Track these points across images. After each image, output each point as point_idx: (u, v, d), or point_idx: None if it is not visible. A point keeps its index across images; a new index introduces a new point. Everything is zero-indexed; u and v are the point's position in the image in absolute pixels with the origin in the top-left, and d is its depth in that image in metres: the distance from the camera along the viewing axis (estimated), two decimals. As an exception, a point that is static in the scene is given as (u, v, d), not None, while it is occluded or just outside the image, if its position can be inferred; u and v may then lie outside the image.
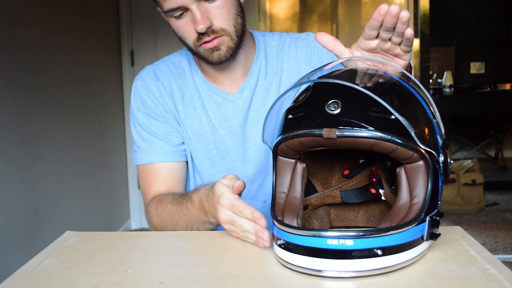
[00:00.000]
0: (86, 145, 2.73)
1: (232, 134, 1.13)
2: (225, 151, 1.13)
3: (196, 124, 1.13)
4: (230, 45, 1.03)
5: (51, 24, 2.38)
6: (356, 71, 0.79)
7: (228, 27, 1.01)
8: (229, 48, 1.03)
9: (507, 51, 4.16)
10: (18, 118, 2.07)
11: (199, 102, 1.13)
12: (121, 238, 0.93)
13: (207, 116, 1.13)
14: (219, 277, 0.71)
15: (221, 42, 1.01)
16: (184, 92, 1.14)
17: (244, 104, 1.13)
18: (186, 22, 1.00)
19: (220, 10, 0.99)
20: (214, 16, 0.99)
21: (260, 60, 1.15)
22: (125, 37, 3.34)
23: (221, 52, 1.02)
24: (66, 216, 2.48)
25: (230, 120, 1.13)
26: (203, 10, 0.98)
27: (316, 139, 0.70)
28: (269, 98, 1.14)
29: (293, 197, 0.79)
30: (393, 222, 0.70)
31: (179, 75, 1.15)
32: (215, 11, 0.99)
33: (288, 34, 1.20)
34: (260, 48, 1.16)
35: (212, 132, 1.13)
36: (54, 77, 2.39)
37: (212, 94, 1.13)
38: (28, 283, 0.70)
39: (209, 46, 1.01)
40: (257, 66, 1.14)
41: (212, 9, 0.99)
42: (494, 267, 0.69)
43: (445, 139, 0.74)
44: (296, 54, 1.15)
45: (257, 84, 1.13)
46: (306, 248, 0.67)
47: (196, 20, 0.97)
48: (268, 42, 1.17)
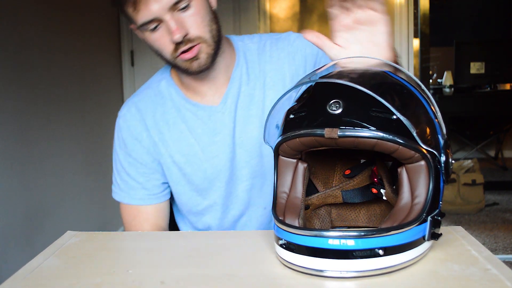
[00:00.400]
0: (86, 145, 2.73)
1: (224, 147, 1.11)
2: (220, 165, 1.12)
3: (185, 148, 1.11)
4: (208, 52, 1.01)
5: (51, 24, 2.38)
6: (358, 71, 0.79)
7: (204, 34, 1.00)
8: (208, 55, 1.01)
9: (507, 51, 4.16)
10: (18, 118, 2.07)
11: (185, 124, 1.11)
12: (121, 238, 0.93)
13: (195, 136, 1.11)
14: (220, 277, 0.71)
15: (199, 50, 1.00)
16: (168, 118, 1.12)
17: (230, 113, 1.11)
18: (161, 34, 0.98)
19: (194, 18, 0.98)
20: (189, 25, 0.98)
21: (240, 66, 1.12)
22: (125, 37, 3.34)
23: (201, 61, 1.01)
24: (66, 216, 2.48)
25: (220, 133, 1.11)
26: (177, 19, 0.96)
27: (318, 139, 0.70)
28: (254, 103, 1.11)
29: (295, 197, 0.79)
30: (394, 222, 0.70)
31: (160, 102, 1.13)
32: (189, 19, 0.98)
33: (269, 35, 1.18)
34: (240, 53, 1.13)
35: (204, 151, 1.11)
36: (54, 77, 2.39)
37: (197, 111, 1.11)
38: (29, 283, 0.70)
39: (188, 57, 0.99)
40: (238, 73, 1.12)
41: (186, 17, 0.97)
42: (495, 267, 0.69)
43: (446, 139, 0.74)
44: (278, 55, 1.13)
45: (240, 90, 1.11)
46: (307, 248, 0.67)
47: (171, 30, 0.96)
48: (248, 45, 1.15)
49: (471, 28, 5.21)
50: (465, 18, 5.21)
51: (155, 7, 0.94)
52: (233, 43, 1.15)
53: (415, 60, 3.51)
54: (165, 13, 0.95)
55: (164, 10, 0.95)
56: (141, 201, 1.14)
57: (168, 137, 1.12)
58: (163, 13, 0.95)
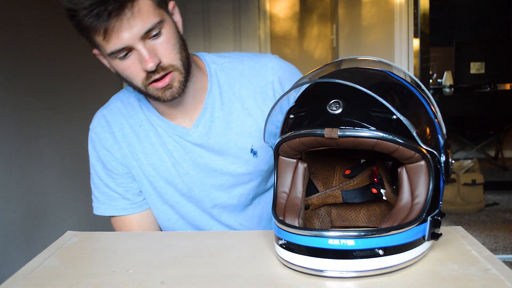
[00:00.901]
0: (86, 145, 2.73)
1: (195, 165, 1.09)
2: (191, 183, 1.10)
3: (157, 161, 1.10)
4: (180, 79, 0.99)
5: (51, 24, 2.38)
6: (358, 70, 0.79)
7: (176, 62, 0.98)
8: (180, 83, 0.99)
9: (507, 51, 4.16)
10: (18, 119, 2.07)
11: (156, 138, 1.09)
12: (122, 238, 0.93)
13: (167, 151, 1.09)
14: (221, 277, 0.71)
15: (172, 79, 0.98)
16: (139, 130, 1.10)
17: (201, 138, 1.08)
18: (132, 62, 0.95)
19: (165, 45, 0.96)
20: (161, 53, 0.95)
21: (214, 91, 1.09)
22: (125, 37, 3.33)
23: (174, 89, 0.99)
24: (66, 216, 2.48)
25: (190, 152, 1.09)
26: (149, 48, 0.94)
27: (318, 139, 0.70)
28: (231, 128, 1.09)
29: (295, 197, 0.79)
30: (394, 222, 0.70)
31: (130, 114, 1.11)
32: (161, 47, 0.95)
33: (249, 56, 1.14)
34: (212, 77, 1.10)
35: (175, 166, 1.09)
36: (54, 77, 2.39)
37: (168, 129, 1.09)
38: (29, 283, 0.70)
39: (161, 85, 0.97)
40: (211, 98, 1.09)
41: (157, 45, 0.94)
42: (495, 267, 0.69)
43: (446, 139, 0.74)
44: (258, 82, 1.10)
45: (214, 116, 1.09)
46: (307, 248, 0.67)
47: (145, 59, 0.93)
48: (223, 66, 1.11)
49: (471, 28, 5.21)
50: (465, 18, 5.21)
51: (126, 36, 0.91)
52: (205, 65, 1.11)
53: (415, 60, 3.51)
54: (137, 41, 0.92)
55: (135, 39, 0.92)
56: (123, 211, 1.12)
57: (139, 149, 1.10)
58: (135, 42, 0.92)
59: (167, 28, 0.96)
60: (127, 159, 1.11)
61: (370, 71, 0.78)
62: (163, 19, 0.95)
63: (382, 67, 0.81)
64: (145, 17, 0.92)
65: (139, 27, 0.91)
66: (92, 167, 1.16)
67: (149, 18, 0.92)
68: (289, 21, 4.62)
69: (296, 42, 4.64)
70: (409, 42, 3.44)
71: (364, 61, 0.86)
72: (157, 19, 0.93)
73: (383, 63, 0.82)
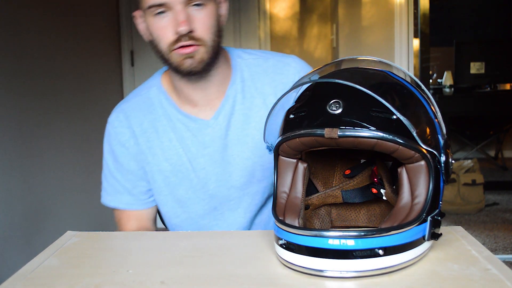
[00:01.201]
0: (86, 145, 2.73)
1: (212, 161, 1.10)
2: (206, 178, 1.11)
3: (173, 156, 1.10)
4: (204, 57, 1.00)
5: (51, 24, 2.38)
6: (358, 70, 0.79)
7: (207, 39, 0.99)
8: (202, 60, 1.00)
9: (507, 51, 4.16)
10: (18, 118, 2.07)
11: (174, 133, 1.10)
12: (122, 238, 0.93)
13: (184, 146, 1.10)
14: (221, 277, 0.71)
15: (196, 51, 0.99)
16: (157, 125, 1.11)
17: (221, 130, 1.09)
18: (166, 23, 0.98)
19: (203, 19, 0.98)
20: (197, 24, 0.98)
21: (236, 84, 1.11)
22: (125, 37, 3.34)
23: (194, 61, 1.00)
24: (66, 216, 2.48)
25: (208, 147, 1.10)
26: (188, 14, 0.96)
27: (318, 139, 0.70)
28: (250, 123, 1.10)
29: (295, 197, 0.79)
30: (394, 222, 0.70)
31: (149, 109, 1.12)
32: (199, 19, 0.98)
33: (273, 55, 1.16)
34: (236, 71, 1.12)
35: (191, 162, 1.10)
36: (54, 77, 2.39)
37: (187, 122, 1.10)
38: (29, 283, 0.70)
39: (185, 51, 0.98)
40: (233, 91, 1.10)
41: (196, 16, 0.97)
42: (495, 267, 0.69)
43: (446, 139, 0.74)
44: (281, 80, 1.11)
45: (234, 109, 1.10)
46: (307, 248, 0.67)
47: (179, 20, 0.95)
48: (247, 61, 1.13)
49: (471, 28, 5.21)
50: (465, 18, 5.20)
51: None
52: (231, 59, 1.13)
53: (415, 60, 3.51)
54: (179, 3, 0.95)
55: (179, 1, 0.95)
56: (127, 205, 1.14)
57: (157, 144, 1.11)
58: (177, 3, 0.95)
59: (210, 8, 0.99)
60: (143, 155, 1.11)
61: (370, 71, 0.78)
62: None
63: (382, 67, 0.81)
64: None
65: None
66: (104, 158, 1.16)
67: None
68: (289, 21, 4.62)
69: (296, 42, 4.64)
70: (409, 42, 3.44)
71: (364, 61, 0.86)
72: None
73: (383, 63, 0.82)
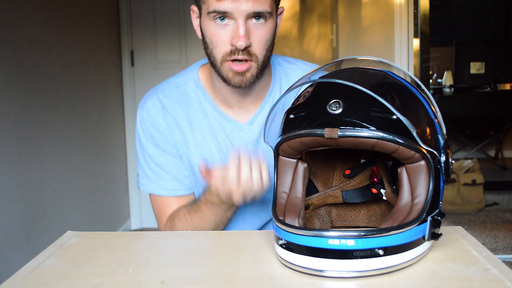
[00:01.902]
0: (86, 145, 2.73)
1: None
2: None
3: (205, 152, 1.10)
4: (254, 73, 1.00)
5: (51, 24, 2.38)
6: (358, 70, 0.79)
7: (260, 55, 0.99)
8: (253, 76, 1.00)
9: (507, 51, 4.16)
10: (18, 118, 2.07)
11: (208, 129, 1.10)
12: (122, 238, 0.93)
13: (217, 144, 1.10)
14: (221, 277, 0.71)
15: (248, 68, 0.99)
16: (192, 119, 1.10)
17: (253, 136, 1.10)
18: (225, 32, 0.97)
19: (261, 36, 0.98)
20: (254, 40, 0.97)
21: (274, 92, 1.11)
22: (125, 37, 3.34)
23: (245, 78, 1.00)
24: (66, 216, 2.48)
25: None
26: (248, 28, 0.96)
27: (318, 139, 0.70)
28: None
29: (295, 197, 0.79)
30: (394, 222, 0.70)
31: (185, 102, 1.11)
32: (257, 35, 0.97)
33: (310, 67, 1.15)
34: (276, 79, 1.12)
35: (222, 160, 1.10)
36: (54, 77, 2.39)
37: (222, 121, 1.10)
38: (29, 283, 0.70)
39: (238, 69, 0.98)
40: (271, 99, 1.10)
41: (255, 31, 0.97)
42: (495, 267, 0.69)
43: (446, 139, 0.74)
44: None
45: None
46: (307, 248, 0.67)
47: (239, 35, 0.94)
48: (287, 71, 1.13)
49: (471, 28, 5.21)
50: (465, 18, 5.21)
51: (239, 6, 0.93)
52: (271, 67, 1.13)
53: (415, 60, 3.51)
54: (243, 16, 0.94)
55: (244, 14, 0.94)
56: (172, 192, 1.12)
57: (190, 139, 1.10)
58: (241, 15, 0.94)
59: (270, 23, 0.99)
60: (178, 145, 1.11)
61: (370, 71, 0.78)
62: (272, 12, 0.98)
63: (382, 67, 0.81)
64: (262, 2, 0.95)
65: (254, 5, 0.94)
66: (141, 146, 1.14)
67: (264, 5, 0.95)
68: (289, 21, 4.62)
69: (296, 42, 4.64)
70: (409, 42, 3.44)
71: (364, 61, 0.86)
72: (269, 9, 0.96)
73: (383, 63, 0.82)
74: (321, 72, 0.82)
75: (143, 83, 3.35)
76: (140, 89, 3.36)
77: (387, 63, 0.83)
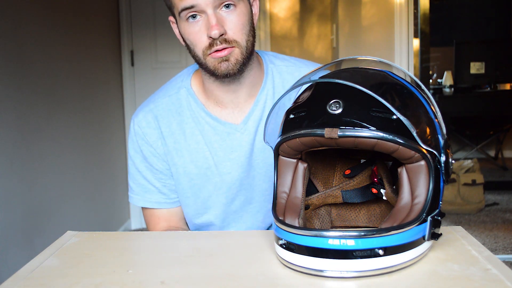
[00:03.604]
0: (86, 145, 2.73)
1: (238, 165, 1.10)
2: (231, 182, 1.11)
3: (200, 159, 1.10)
4: (239, 58, 1.00)
5: (51, 24, 2.38)
6: (358, 70, 0.79)
7: (240, 40, 0.99)
8: (238, 61, 1.00)
9: (507, 51, 4.16)
10: (18, 118, 2.07)
11: (202, 136, 1.10)
12: (122, 238, 0.93)
13: (211, 149, 1.10)
14: (221, 277, 0.71)
15: (231, 53, 0.99)
16: (185, 127, 1.10)
17: (249, 135, 1.09)
18: (199, 28, 0.98)
19: (235, 21, 0.98)
20: (229, 26, 0.98)
21: (267, 89, 1.10)
22: (125, 37, 3.34)
23: (230, 64, 1.00)
24: (66, 216, 2.48)
25: (235, 151, 1.10)
26: (219, 17, 0.97)
27: (318, 139, 0.70)
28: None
29: (295, 197, 0.79)
30: (394, 222, 0.70)
31: (177, 110, 1.11)
32: (231, 21, 0.98)
33: (305, 64, 1.15)
34: (268, 75, 1.11)
35: (217, 165, 1.10)
36: (54, 77, 2.39)
37: (216, 125, 1.09)
38: (29, 283, 0.70)
39: (220, 55, 0.98)
40: (263, 96, 1.10)
41: (228, 18, 0.98)
42: (495, 267, 0.69)
43: (446, 139, 0.74)
44: None
45: (264, 115, 1.09)
46: (307, 248, 0.67)
47: (211, 24, 0.96)
48: (279, 68, 1.13)
49: (471, 28, 5.21)
50: (465, 18, 5.21)
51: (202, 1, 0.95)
52: (263, 63, 1.13)
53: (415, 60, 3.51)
54: (210, 7, 0.96)
55: (209, 4, 0.95)
56: (157, 204, 1.14)
57: (184, 146, 1.10)
58: (208, 7, 0.95)
59: (241, 7, 0.99)
60: (169, 155, 1.11)
61: (370, 71, 0.78)
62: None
63: (382, 67, 0.81)
64: None
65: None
66: (130, 158, 1.16)
67: None
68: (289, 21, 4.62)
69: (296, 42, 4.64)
70: (409, 42, 3.44)
71: (364, 61, 0.86)
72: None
73: (383, 63, 0.82)
74: (321, 72, 0.82)
75: (143, 83, 3.35)
76: (140, 89, 3.36)
77: (387, 63, 0.83)
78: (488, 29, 5.22)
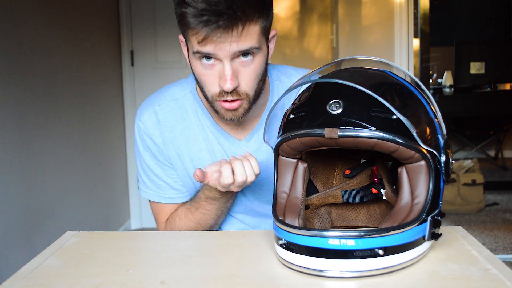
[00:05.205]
0: (86, 145, 2.73)
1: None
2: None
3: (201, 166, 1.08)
4: (246, 107, 0.98)
5: (51, 24, 2.38)
6: (358, 70, 0.79)
7: (251, 92, 0.96)
8: (245, 110, 0.98)
9: (507, 51, 4.15)
10: (18, 118, 2.07)
11: (205, 144, 1.09)
12: (121, 238, 0.93)
13: (213, 158, 1.09)
14: (221, 277, 0.71)
15: (239, 105, 0.97)
16: (189, 133, 1.09)
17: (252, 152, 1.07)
18: (212, 73, 0.94)
19: (249, 74, 0.94)
20: (242, 78, 0.94)
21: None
22: (125, 37, 3.33)
23: (237, 113, 0.98)
24: (66, 216, 2.48)
25: None
26: (235, 68, 0.92)
27: (318, 139, 0.70)
28: None
29: (295, 197, 0.79)
30: (394, 222, 0.70)
31: (182, 116, 1.10)
32: (245, 74, 0.94)
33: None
34: (274, 94, 1.10)
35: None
36: (54, 77, 2.39)
37: (220, 136, 1.09)
38: (29, 283, 0.70)
39: (228, 107, 0.96)
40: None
41: (242, 70, 0.93)
42: (495, 267, 0.69)
43: (446, 139, 0.74)
44: None
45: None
46: (307, 248, 0.67)
47: (225, 77, 0.91)
48: (285, 85, 1.10)
49: (471, 28, 5.21)
50: (465, 18, 5.20)
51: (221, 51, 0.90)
52: (269, 81, 1.10)
53: (415, 60, 3.51)
54: (227, 58, 0.91)
55: (227, 56, 0.90)
56: (170, 199, 1.14)
57: (185, 152, 1.10)
58: (226, 57, 0.91)
59: (259, 58, 0.95)
60: (173, 159, 1.11)
61: (370, 71, 0.78)
62: (260, 47, 0.93)
63: (382, 67, 0.81)
64: (247, 40, 0.90)
65: (239, 45, 0.89)
66: (139, 154, 1.14)
67: (250, 42, 0.90)
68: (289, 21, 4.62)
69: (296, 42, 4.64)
70: (409, 42, 3.44)
71: (364, 61, 0.86)
72: (257, 44, 0.92)
73: (383, 63, 0.82)
74: (321, 72, 0.82)
75: (143, 83, 3.34)
76: (140, 89, 3.35)
77: (387, 63, 0.83)
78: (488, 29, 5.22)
